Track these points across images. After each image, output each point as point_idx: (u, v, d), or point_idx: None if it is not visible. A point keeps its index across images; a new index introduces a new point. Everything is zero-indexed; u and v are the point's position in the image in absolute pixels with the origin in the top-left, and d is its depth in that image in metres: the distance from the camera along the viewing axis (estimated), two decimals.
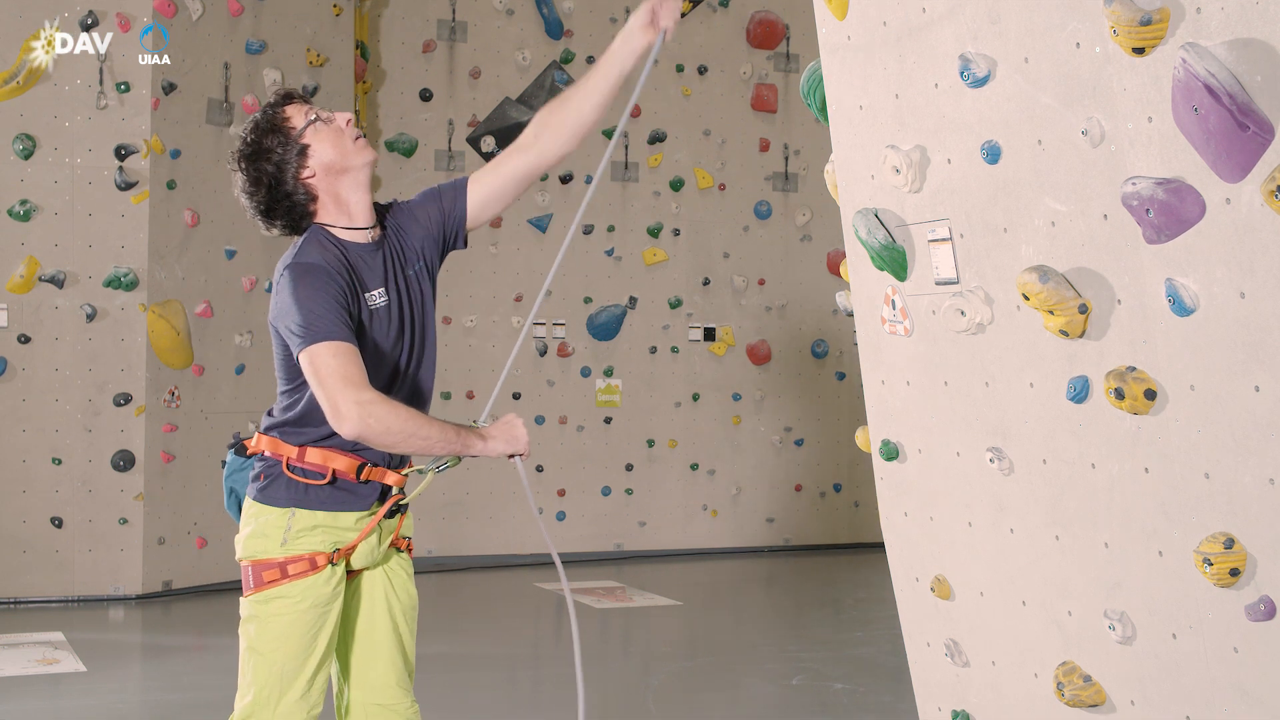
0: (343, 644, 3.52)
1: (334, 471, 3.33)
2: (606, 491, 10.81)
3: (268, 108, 3.41)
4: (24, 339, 8.44)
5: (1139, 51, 2.72)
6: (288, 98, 3.43)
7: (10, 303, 8.44)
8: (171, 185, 8.67)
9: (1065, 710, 3.32)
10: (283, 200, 3.37)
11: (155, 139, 8.54)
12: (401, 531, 3.53)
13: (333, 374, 3.16)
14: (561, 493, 10.68)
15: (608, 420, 10.82)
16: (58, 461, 8.49)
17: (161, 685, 6.82)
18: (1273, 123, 2.55)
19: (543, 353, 10.63)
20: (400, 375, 3.42)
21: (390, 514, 3.43)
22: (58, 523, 8.49)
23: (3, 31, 8.37)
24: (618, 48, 3.50)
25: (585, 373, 10.75)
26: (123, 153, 8.49)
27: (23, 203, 8.41)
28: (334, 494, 3.35)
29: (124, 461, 8.54)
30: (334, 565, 3.35)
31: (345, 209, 3.40)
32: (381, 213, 3.51)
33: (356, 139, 3.42)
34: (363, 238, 3.41)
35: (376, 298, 3.36)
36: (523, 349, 10.61)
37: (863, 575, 10.23)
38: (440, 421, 3.27)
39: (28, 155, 8.43)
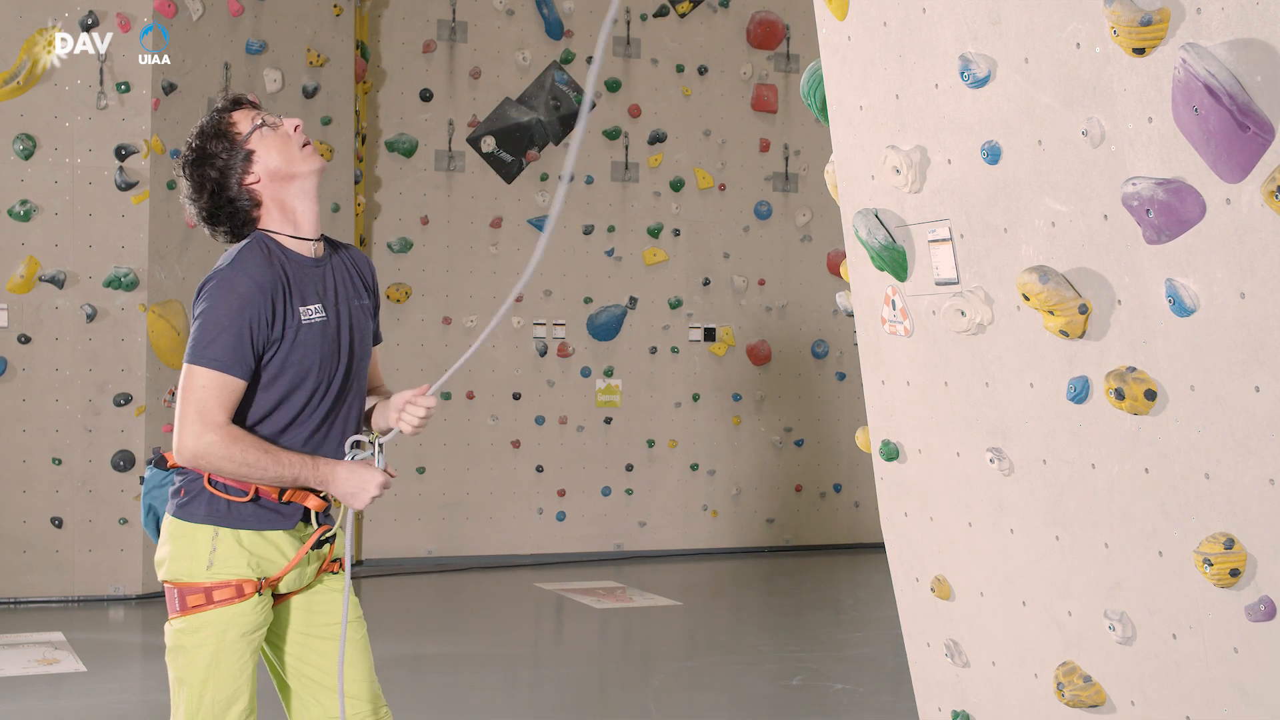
0: (277, 667, 3.46)
1: (256, 489, 3.28)
2: (606, 491, 10.81)
3: (214, 113, 3.38)
4: (24, 339, 8.44)
5: (1139, 52, 2.72)
6: (236, 103, 3.40)
7: (10, 303, 8.44)
8: (171, 185, 8.67)
9: (1065, 710, 3.32)
10: (225, 206, 3.34)
11: (155, 139, 8.54)
12: (332, 555, 3.49)
13: (194, 401, 3.19)
14: (561, 493, 10.68)
15: (608, 420, 10.82)
16: (58, 461, 8.49)
17: (161, 685, 6.79)
18: (1273, 123, 2.55)
19: (543, 353, 10.64)
20: (324, 392, 3.36)
21: (319, 543, 3.39)
22: (58, 523, 8.49)
23: (3, 31, 8.38)
24: (385, 410, 3.55)
25: (585, 373, 10.75)
26: (123, 153, 8.49)
27: (23, 203, 8.42)
28: (257, 512, 3.30)
29: (124, 461, 8.54)
30: (260, 594, 3.30)
31: (291, 217, 3.37)
32: (333, 243, 3.50)
33: (304, 146, 3.38)
34: (307, 250, 3.38)
35: (313, 312, 3.32)
36: (522, 349, 10.61)
37: (863, 575, 10.24)
38: (284, 460, 3.26)
39: (28, 155, 8.43)
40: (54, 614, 8.26)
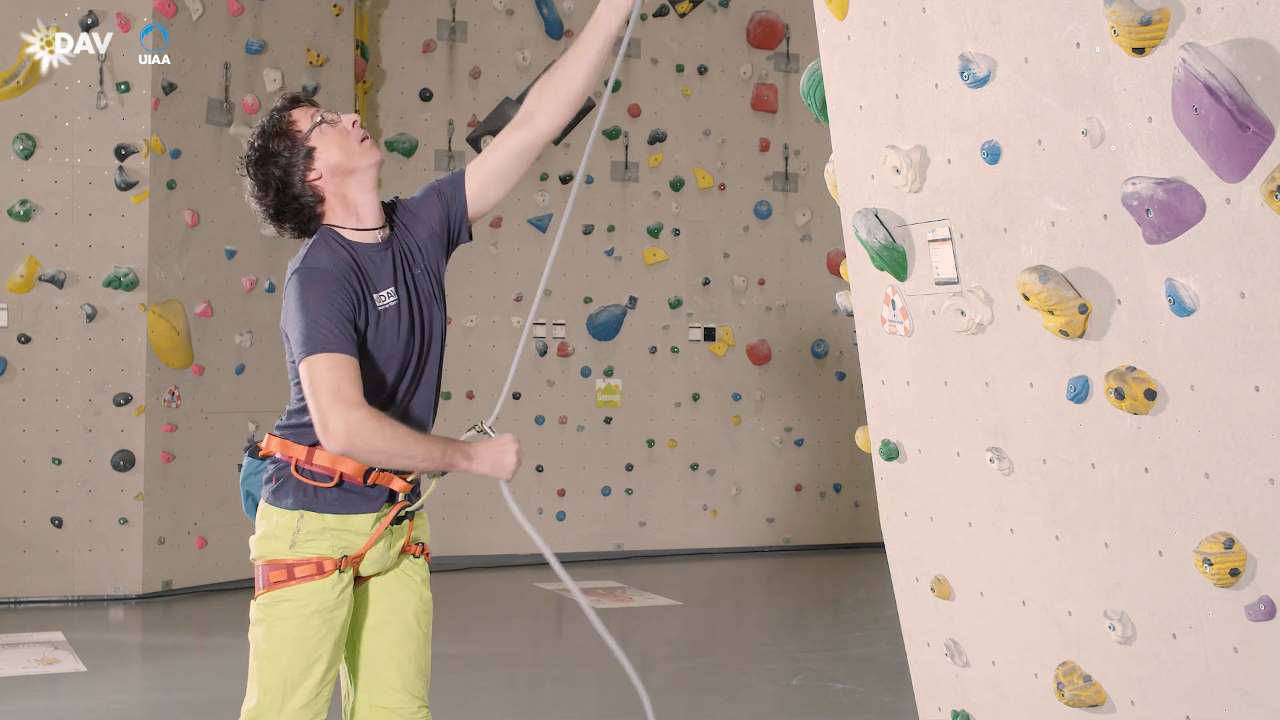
0: (351, 648, 3.51)
1: (341, 474, 3.34)
2: (606, 491, 10.81)
3: (274, 112, 3.44)
4: (24, 339, 8.44)
5: (1139, 51, 2.72)
6: (294, 101, 3.46)
7: (10, 303, 8.44)
8: (171, 185, 8.67)
9: (1065, 710, 3.32)
10: (291, 203, 3.40)
11: (155, 139, 8.54)
12: (414, 536, 3.53)
13: (325, 388, 3.18)
14: (561, 493, 10.68)
15: (608, 420, 10.82)
16: (58, 461, 8.49)
17: (161, 685, 6.82)
18: (1273, 123, 2.55)
19: (543, 353, 10.64)
20: (410, 373, 3.43)
21: (398, 519, 3.43)
22: (58, 523, 8.49)
23: (3, 31, 8.38)
24: (602, 11, 3.54)
25: (585, 373, 10.75)
26: (123, 153, 8.49)
27: (23, 203, 8.42)
28: (342, 496, 3.35)
29: (124, 461, 8.54)
30: (340, 571, 3.35)
31: (353, 210, 3.43)
32: (388, 211, 3.54)
33: (362, 140, 3.45)
34: (371, 238, 3.43)
35: (386, 297, 3.37)
36: (523, 349, 10.60)
37: (863, 575, 10.24)
38: (427, 439, 3.30)
39: (28, 155, 8.43)
40: (54, 614, 8.25)
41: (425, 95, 10.39)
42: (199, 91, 8.85)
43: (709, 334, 11.07)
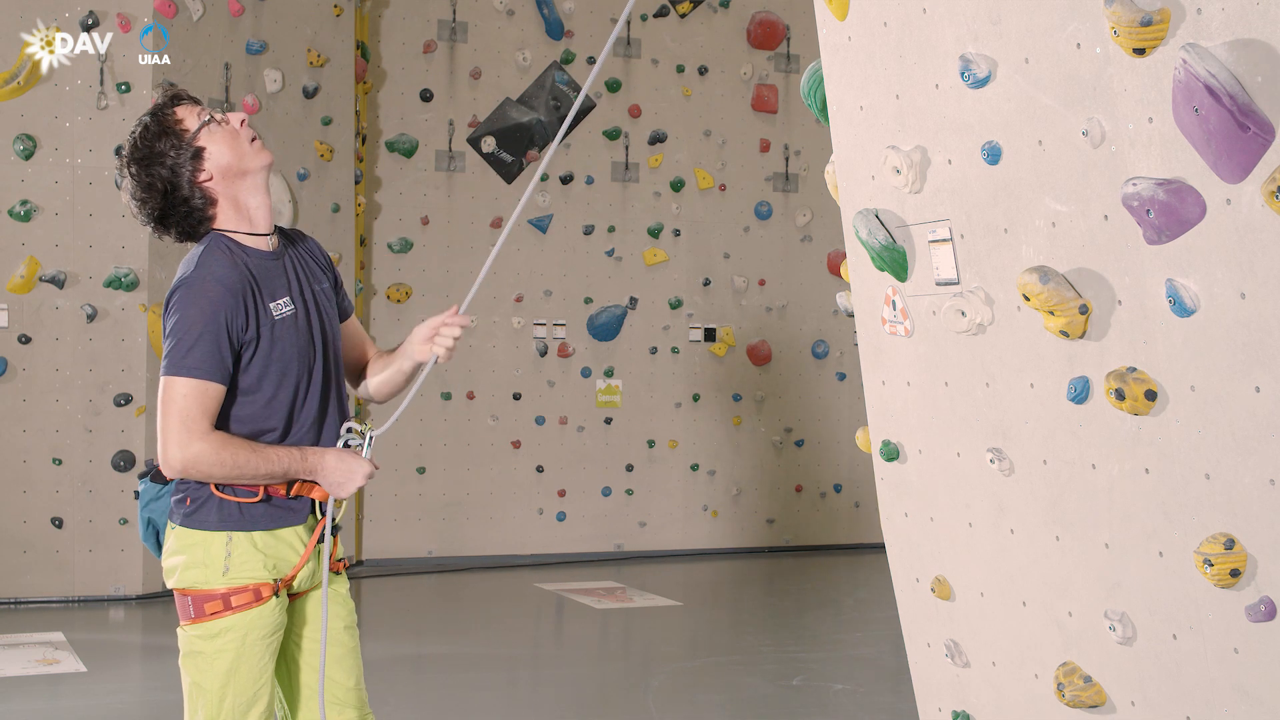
0: (285, 670, 3.44)
1: (266, 489, 3.26)
2: (607, 492, 10.81)
3: (156, 109, 3.32)
4: (24, 339, 8.44)
5: (1139, 52, 2.72)
6: (176, 99, 3.33)
7: (11, 303, 8.44)
8: None
9: (1065, 710, 3.32)
10: (179, 206, 3.29)
11: None
12: (336, 554, 3.48)
13: (176, 412, 3.15)
14: (562, 493, 10.68)
15: (608, 421, 10.82)
16: (58, 462, 8.50)
17: (161, 685, 6.81)
18: (1273, 123, 2.55)
19: (543, 353, 10.64)
20: (313, 383, 3.35)
21: (323, 537, 3.36)
22: (58, 523, 8.50)
23: (3, 31, 8.38)
24: (405, 349, 3.57)
25: (586, 373, 10.75)
26: (123, 153, 8.49)
27: (23, 203, 8.42)
28: (269, 511, 3.27)
29: (124, 462, 8.54)
30: (277, 596, 3.27)
31: (246, 214, 3.33)
32: (286, 233, 3.47)
33: (252, 140, 3.34)
34: (264, 245, 3.34)
35: (282, 306, 3.29)
36: (522, 350, 10.61)
37: (863, 575, 10.24)
38: (274, 455, 3.22)
39: (28, 155, 8.43)
40: (54, 614, 8.26)
41: (426, 96, 10.39)
42: (199, 92, 8.85)
43: (709, 334, 11.07)
